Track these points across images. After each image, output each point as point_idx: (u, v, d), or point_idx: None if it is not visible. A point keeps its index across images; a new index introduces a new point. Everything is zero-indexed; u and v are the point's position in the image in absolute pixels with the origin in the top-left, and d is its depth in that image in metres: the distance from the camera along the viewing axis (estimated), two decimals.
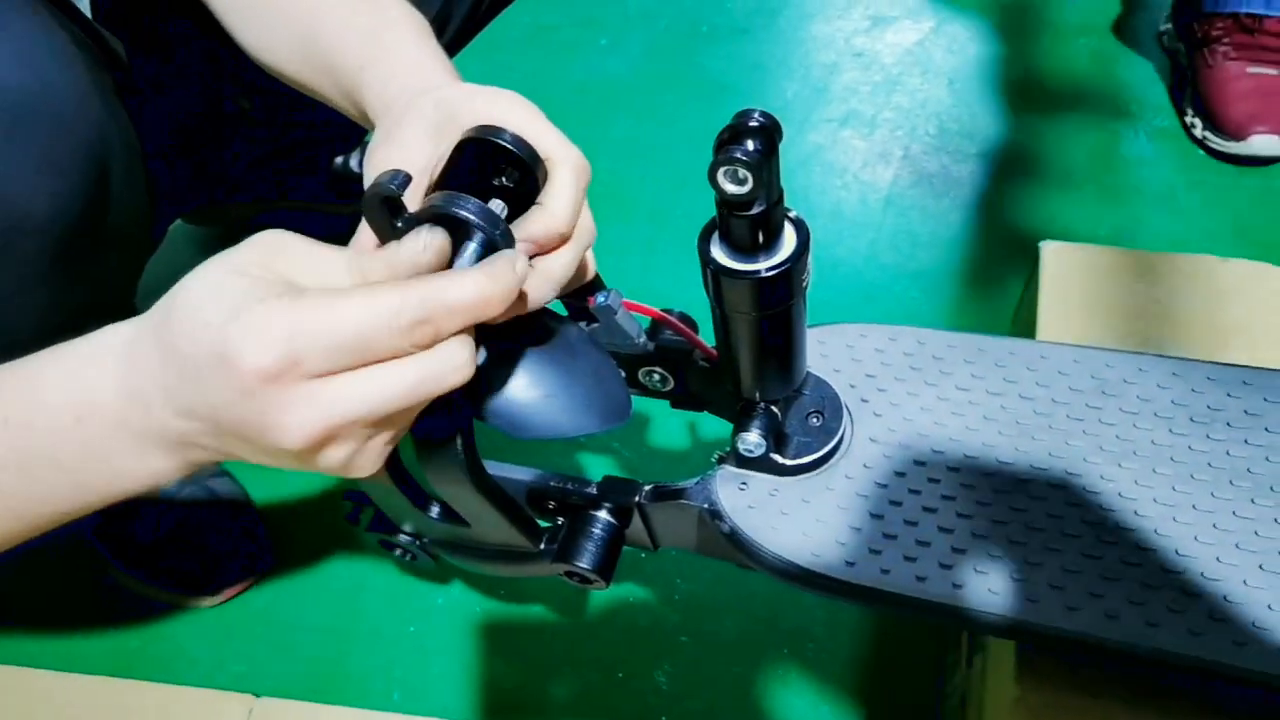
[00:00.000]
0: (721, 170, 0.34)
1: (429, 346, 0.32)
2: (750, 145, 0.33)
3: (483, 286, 0.32)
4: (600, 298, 0.45)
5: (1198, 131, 1.02)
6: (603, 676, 0.72)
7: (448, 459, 0.42)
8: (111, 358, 0.33)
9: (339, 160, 1.00)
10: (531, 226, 0.40)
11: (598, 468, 0.82)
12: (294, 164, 0.98)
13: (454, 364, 0.32)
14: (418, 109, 0.43)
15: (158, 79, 0.78)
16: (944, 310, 0.91)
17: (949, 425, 0.47)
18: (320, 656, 0.74)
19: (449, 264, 0.35)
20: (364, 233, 0.39)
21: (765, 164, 0.34)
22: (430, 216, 0.36)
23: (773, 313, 0.39)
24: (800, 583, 0.43)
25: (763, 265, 0.37)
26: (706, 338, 0.47)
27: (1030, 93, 1.12)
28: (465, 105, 0.42)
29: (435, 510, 0.51)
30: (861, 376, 0.50)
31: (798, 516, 0.45)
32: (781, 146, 0.34)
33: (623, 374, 0.50)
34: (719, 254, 0.38)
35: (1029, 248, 0.96)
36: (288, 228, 0.34)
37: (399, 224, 0.36)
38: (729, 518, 0.46)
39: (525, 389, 0.44)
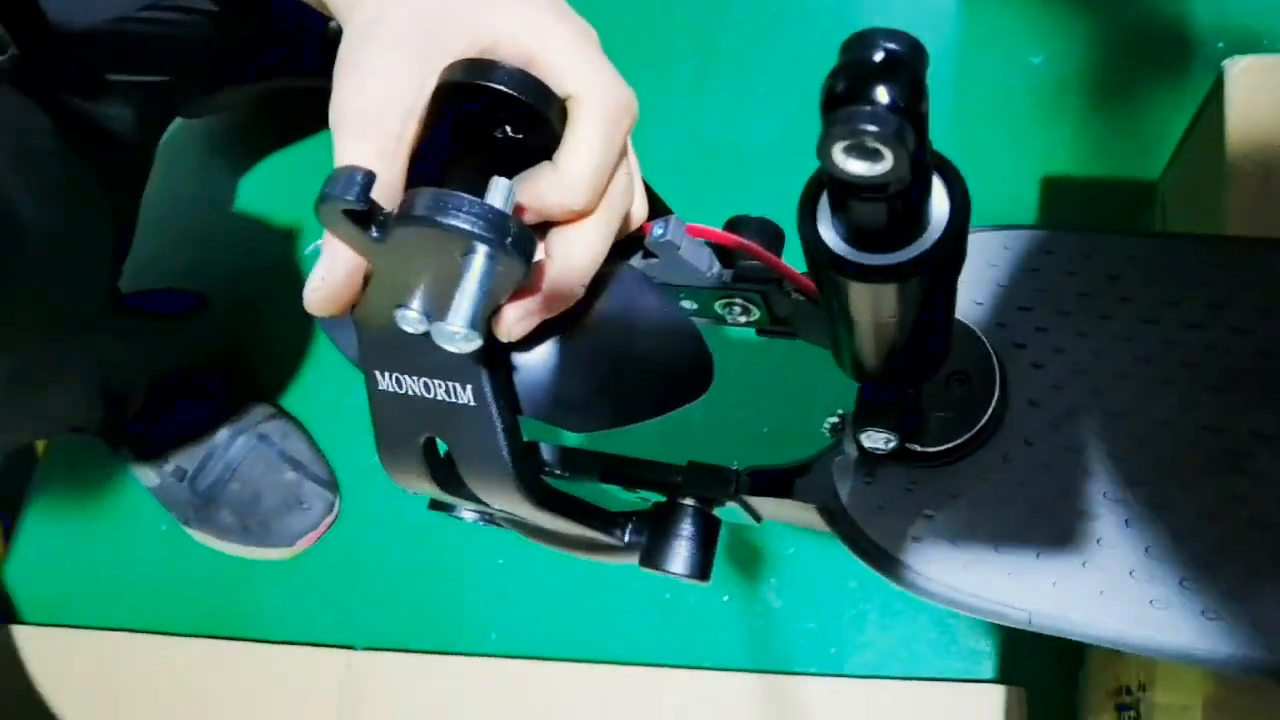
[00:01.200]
0: (839, 146, 0.22)
1: None
2: (884, 98, 0.21)
3: None
4: (658, 229, 0.35)
5: None
6: (707, 599, 0.67)
7: (492, 473, 0.34)
8: None
9: (334, 24, 0.86)
10: (535, 193, 0.29)
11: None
12: (285, 31, 0.85)
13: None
14: (389, 24, 0.31)
15: None
16: (1068, 137, 0.75)
17: (1133, 377, 0.36)
18: (408, 599, 0.70)
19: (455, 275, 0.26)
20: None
21: (909, 125, 0.21)
22: (413, 225, 0.26)
23: (917, 315, 0.28)
24: (952, 605, 0.35)
25: (904, 255, 0.25)
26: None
27: None
28: (457, 18, 0.30)
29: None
30: (1013, 310, 0.39)
31: (944, 518, 0.36)
32: None
33: (696, 326, 0.40)
34: (833, 239, 0.26)
35: (1172, 37, 0.77)
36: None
37: (375, 234, 0.27)
38: (853, 523, 0.37)
39: (576, 370, 0.35)
